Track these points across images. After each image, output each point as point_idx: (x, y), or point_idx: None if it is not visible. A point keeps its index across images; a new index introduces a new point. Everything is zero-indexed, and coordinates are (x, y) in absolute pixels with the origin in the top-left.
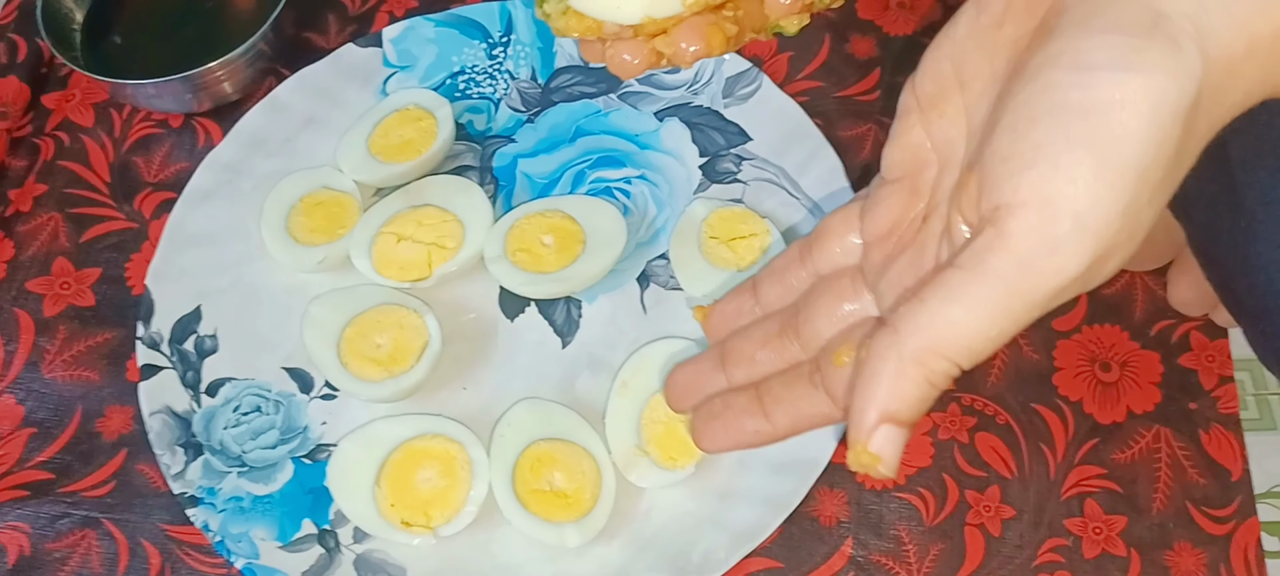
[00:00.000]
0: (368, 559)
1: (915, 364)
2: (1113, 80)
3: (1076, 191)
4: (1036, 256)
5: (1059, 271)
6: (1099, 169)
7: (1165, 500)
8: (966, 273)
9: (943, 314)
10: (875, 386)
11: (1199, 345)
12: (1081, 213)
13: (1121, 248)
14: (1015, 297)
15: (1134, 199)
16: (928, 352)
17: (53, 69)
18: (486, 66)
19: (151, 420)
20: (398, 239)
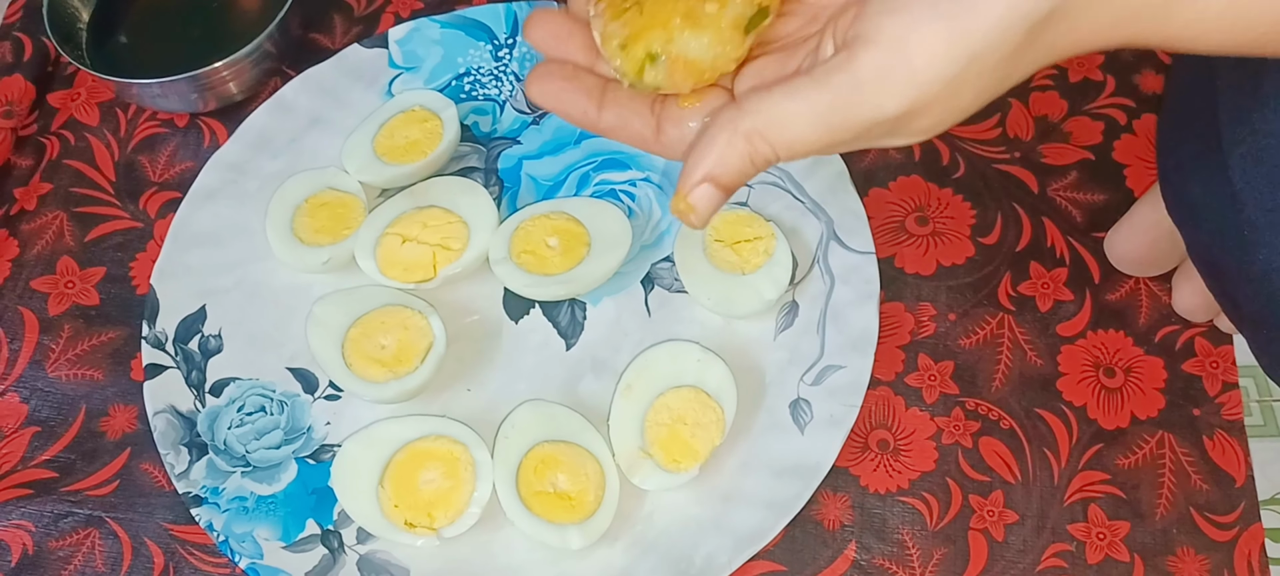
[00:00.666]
0: (371, 559)
1: (744, 139)
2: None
3: (920, 47)
4: (868, 84)
5: (879, 105)
6: (944, 38)
7: (1169, 506)
8: (810, 80)
9: (780, 106)
10: (709, 149)
11: (1203, 351)
12: (916, 66)
13: (932, 112)
14: (838, 112)
15: (960, 73)
16: (757, 134)
17: (58, 68)
18: (492, 68)
19: (156, 419)
20: (402, 240)
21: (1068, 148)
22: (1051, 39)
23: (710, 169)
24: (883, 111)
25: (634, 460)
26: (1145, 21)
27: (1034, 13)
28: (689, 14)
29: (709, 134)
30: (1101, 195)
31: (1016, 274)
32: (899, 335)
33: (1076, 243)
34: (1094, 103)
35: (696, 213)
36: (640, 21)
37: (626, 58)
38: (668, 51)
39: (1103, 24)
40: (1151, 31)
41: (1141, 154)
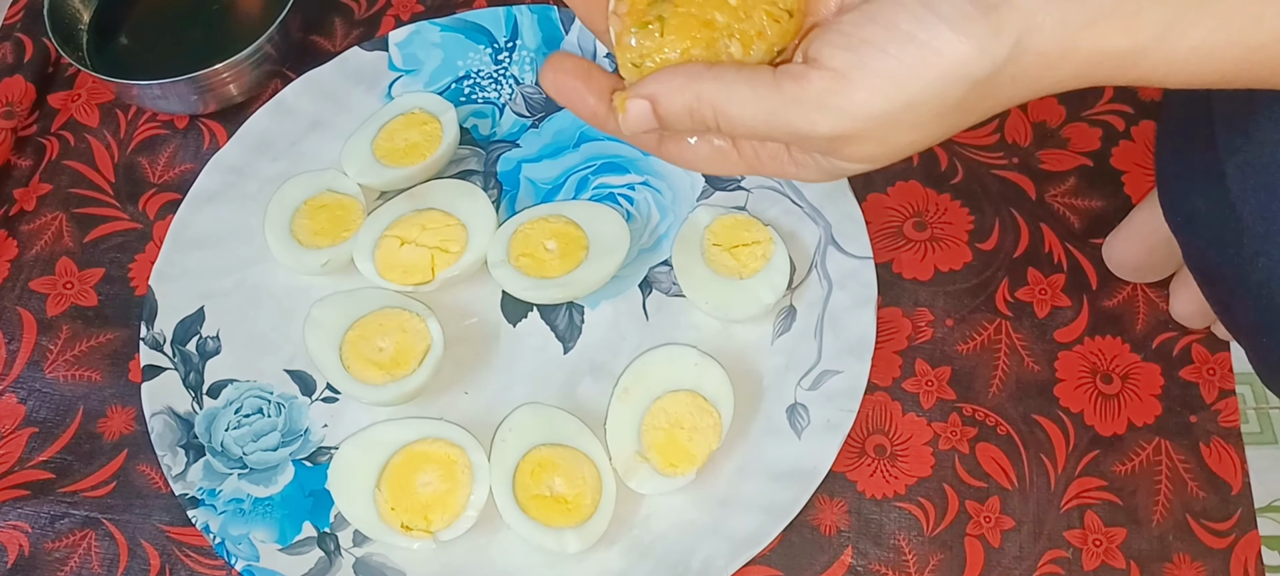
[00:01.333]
0: (367, 562)
1: (695, 95)
2: (937, 30)
3: (861, 82)
4: (809, 101)
5: (813, 123)
6: (886, 79)
7: (1165, 513)
8: (768, 78)
9: (735, 87)
10: (663, 79)
11: (1200, 358)
12: (855, 99)
13: (865, 143)
14: (776, 112)
15: (895, 114)
16: (705, 98)
17: (59, 69)
18: (492, 71)
19: (153, 421)
20: (401, 242)
21: (1066, 154)
22: (1004, 92)
23: (656, 91)
24: (815, 128)
25: (631, 464)
26: (1109, 68)
27: (977, 71)
28: (708, 47)
29: (673, 68)
30: (1099, 201)
31: (1014, 280)
32: (896, 340)
33: (1074, 249)
34: (1092, 109)
35: (625, 118)
36: (659, 41)
37: (639, 77)
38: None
39: (1063, 76)
40: (1117, 75)
41: (1140, 160)
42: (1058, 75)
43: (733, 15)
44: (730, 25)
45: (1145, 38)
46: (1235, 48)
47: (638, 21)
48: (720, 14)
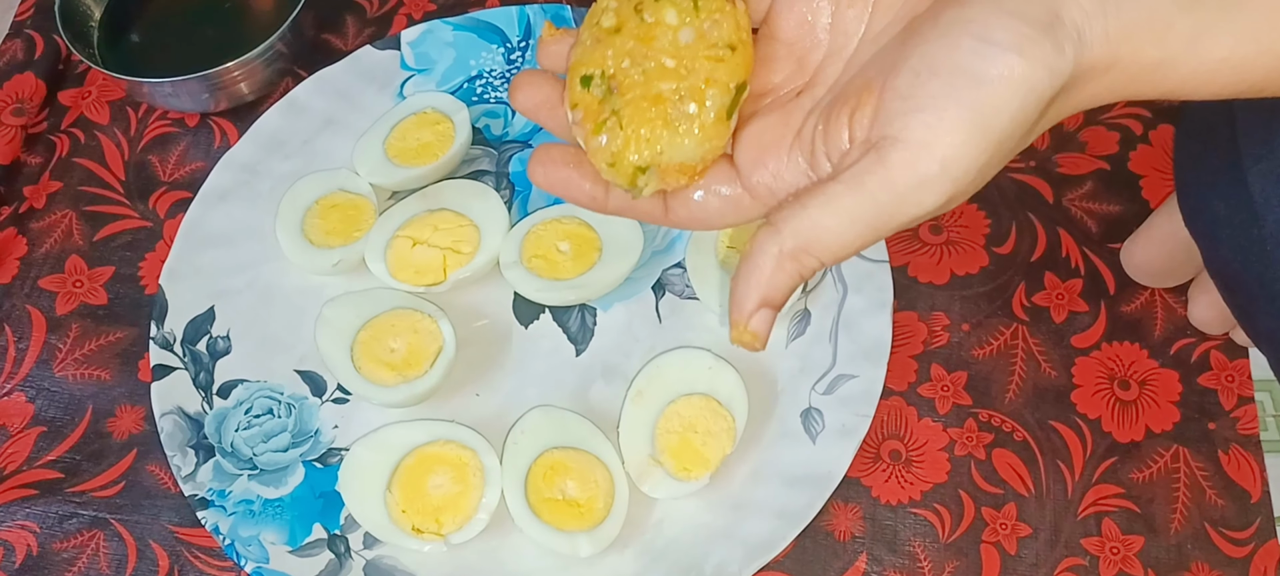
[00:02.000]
0: (378, 565)
1: (791, 259)
2: (1005, 60)
3: (951, 143)
4: (906, 187)
5: (919, 204)
6: (972, 129)
7: (1183, 521)
8: (845, 188)
9: (819, 221)
10: (757, 276)
11: (1219, 364)
12: (949, 160)
13: (965, 194)
14: (879, 217)
15: (990, 159)
16: (801, 251)
17: (70, 66)
18: (504, 71)
19: (163, 421)
20: (413, 243)
21: (1084, 157)
22: (1058, 109)
23: (764, 295)
24: (923, 209)
25: (644, 467)
26: (1144, 81)
27: (1047, 92)
28: (668, 120)
29: (753, 260)
30: (1117, 206)
31: (1031, 284)
32: (912, 345)
33: (1092, 253)
34: (1110, 113)
35: (759, 338)
36: (622, 135)
37: (618, 173)
38: (656, 161)
39: (1103, 89)
40: (1150, 87)
41: (1157, 165)
42: (1098, 88)
43: (677, 78)
44: (678, 88)
45: (1176, 49)
46: (1265, 56)
47: (594, 124)
48: (664, 82)
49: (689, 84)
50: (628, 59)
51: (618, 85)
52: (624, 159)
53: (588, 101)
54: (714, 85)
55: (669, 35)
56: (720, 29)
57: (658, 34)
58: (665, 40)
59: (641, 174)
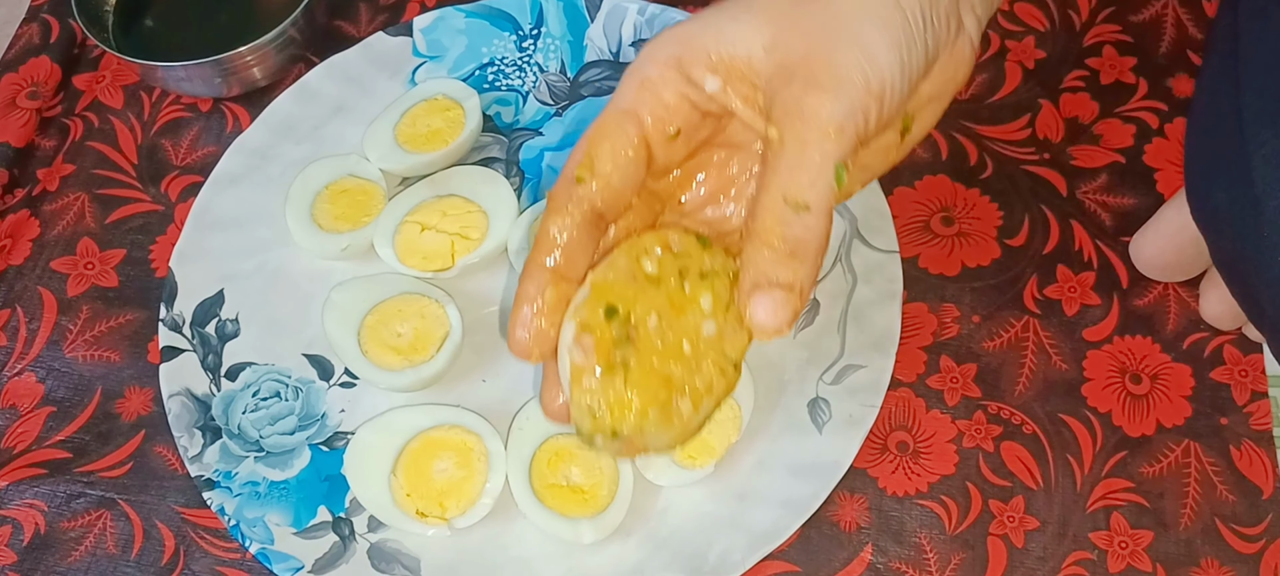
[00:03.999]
0: (382, 548)
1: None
2: None
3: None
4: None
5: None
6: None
7: (1193, 516)
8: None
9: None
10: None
11: (1232, 359)
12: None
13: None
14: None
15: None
16: None
17: (84, 50)
18: (516, 58)
19: (171, 402)
20: (422, 228)
21: (1098, 150)
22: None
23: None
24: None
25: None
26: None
27: None
28: (665, 409)
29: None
30: (1132, 199)
31: (1043, 277)
32: (921, 336)
33: (1105, 247)
34: (1126, 105)
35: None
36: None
37: (591, 421)
38: (630, 435)
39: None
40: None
41: (1173, 158)
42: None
43: (686, 366)
44: (684, 379)
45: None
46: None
47: (604, 360)
48: (676, 365)
49: (693, 382)
50: (656, 316)
51: (637, 338)
52: (609, 415)
53: (604, 335)
54: (710, 397)
55: (697, 318)
56: (735, 341)
57: (688, 310)
58: (692, 321)
59: (611, 438)
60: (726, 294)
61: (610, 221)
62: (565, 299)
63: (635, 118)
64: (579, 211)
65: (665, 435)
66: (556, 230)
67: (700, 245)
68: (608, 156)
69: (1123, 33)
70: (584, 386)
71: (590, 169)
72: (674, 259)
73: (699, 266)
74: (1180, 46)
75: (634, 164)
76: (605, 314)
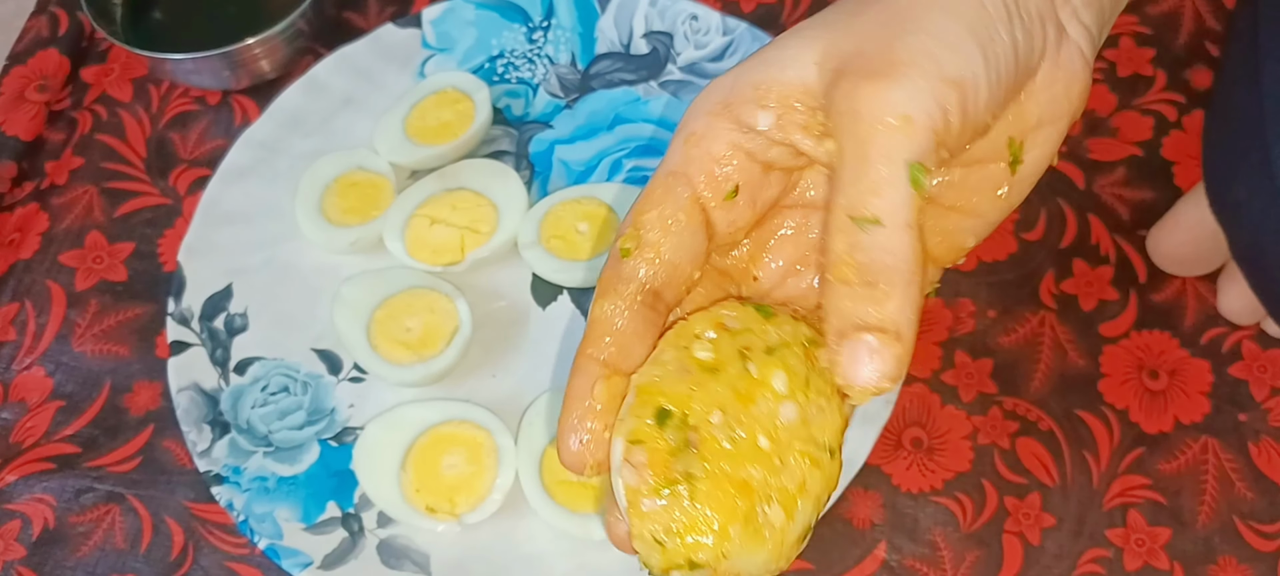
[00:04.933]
0: (391, 544)
1: None
2: None
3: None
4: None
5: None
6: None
7: (1211, 513)
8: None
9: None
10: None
11: (1251, 355)
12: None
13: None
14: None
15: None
16: None
17: (93, 43)
18: (526, 50)
19: (179, 397)
20: (431, 222)
21: (1116, 143)
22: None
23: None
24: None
25: None
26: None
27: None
28: (749, 522)
29: None
30: (1150, 192)
31: (1059, 271)
32: (936, 331)
33: (1122, 241)
34: (1144, 98)
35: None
36: (690, 514)
37: (660, 553)
38: (712, 563)
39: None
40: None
41: (1191, 151)
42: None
43: (768, 466)
44: (767, 482)
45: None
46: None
47: (662, 477)
48: (755, 467)
49: (781, 484)
50: (719, 412)
51: (699, 442)
52: (680, 543)
53: (657, 445)
54: (806, 497)
55: (771, 403)
56: (825, 421)
57: (759, 397)
58: (766, 408)
59: (690, 571)
60: (803, 367)
61: (671, 304)
62: (620, 396)
63: (685, 178)
64: (628, 290)
65: (757, 554)
66: (606, 315)
67: (762, 316)
68: (655, 225)
69: (1141, 24)
70: (644, 512)
71: (636, 241)
72: (732, 338)
73: (764, 342)
74: (1199, 38)
75: (688, 231)
76: (656, 419)
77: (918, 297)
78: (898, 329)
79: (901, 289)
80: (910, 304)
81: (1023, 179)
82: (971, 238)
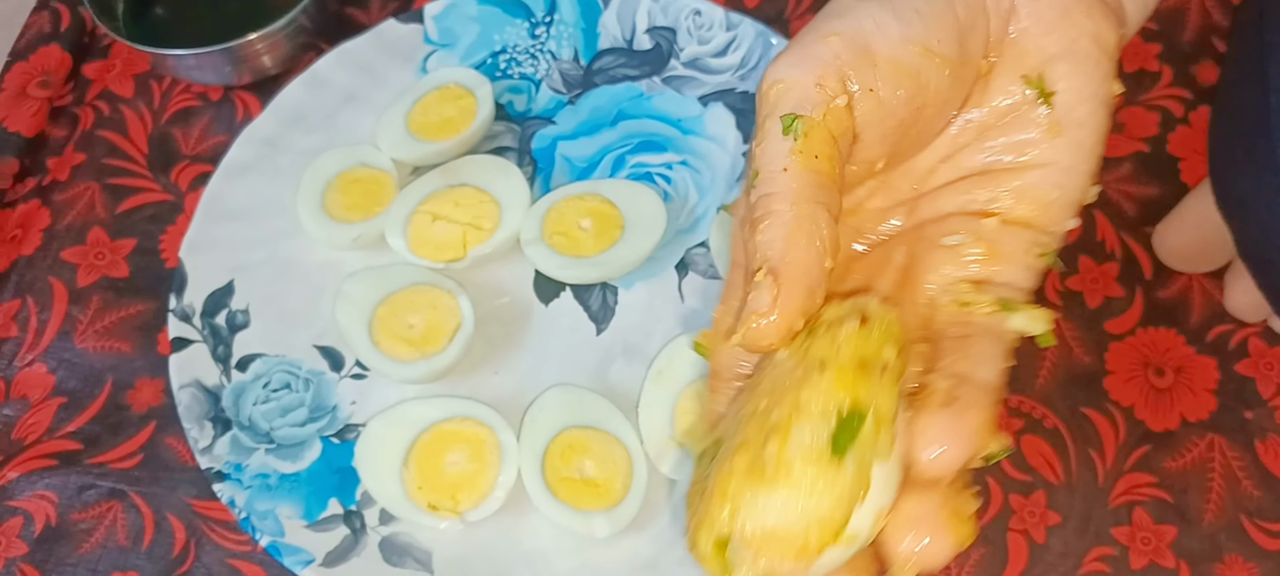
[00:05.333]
0: (393, 541)
1: None
2: None
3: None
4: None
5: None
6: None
7: (1217, 511)
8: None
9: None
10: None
11: (1257, 352)
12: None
13: None
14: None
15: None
16: None
17: (95, 39)
18: (528, 46)
19: (181, 393)
20: (433, 218)
21: (1121, 139)
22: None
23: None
24: None
25: (663, 448)
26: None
27: None
28: (751, 467)
29: None
30: (1156, 189)
31: (1065, 268)
32: None
33: (1128, 237)
34: (1150, 93)
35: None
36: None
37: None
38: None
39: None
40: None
41: (1198, 147)
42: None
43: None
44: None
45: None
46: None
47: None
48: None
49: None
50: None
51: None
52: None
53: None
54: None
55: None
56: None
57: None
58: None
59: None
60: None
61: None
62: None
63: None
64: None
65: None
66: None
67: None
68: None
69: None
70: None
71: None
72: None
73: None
74: (1205, 33)
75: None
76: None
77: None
78: (765, 258)
79: (770, 219)
80: (779, 232)
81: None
82: (1052, 189)
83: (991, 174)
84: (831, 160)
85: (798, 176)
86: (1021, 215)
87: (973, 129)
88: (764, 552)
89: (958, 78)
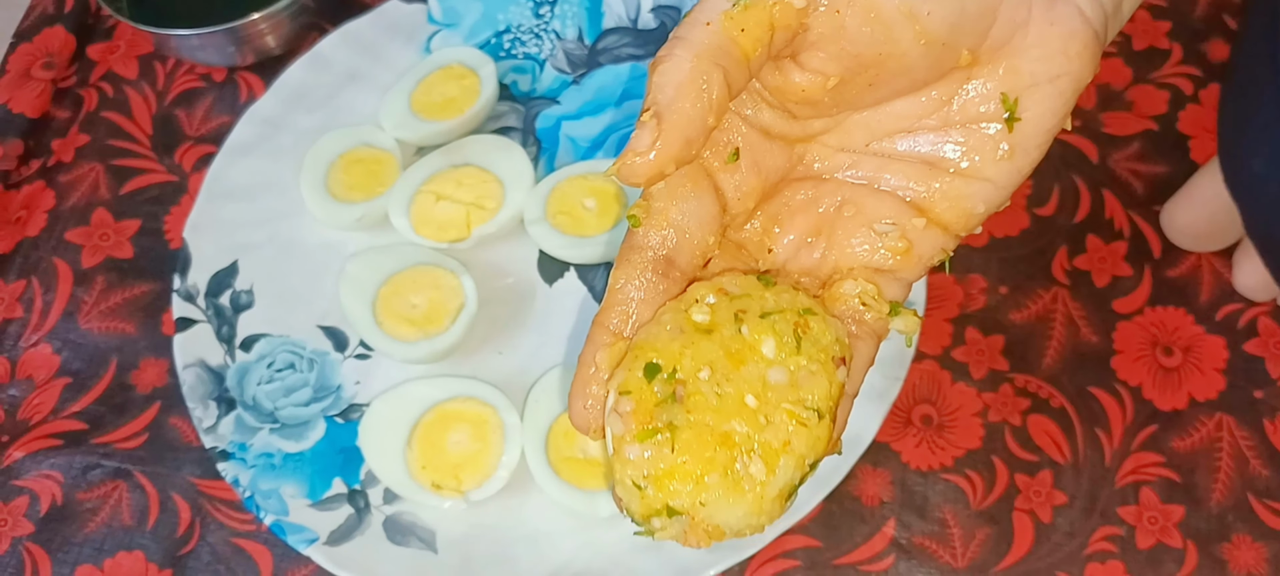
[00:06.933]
0: (397, 520)
1: None
2: None
3: None
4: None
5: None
6: None
7: (1225, 491)
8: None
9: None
10: None
11: (1267, 331)
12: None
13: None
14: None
15: None
16: None
17: (99, 20)
18: (532, 25)
19: (185, 373)
20: (437, 198)
21: (1131, 117)
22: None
23: None
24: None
25: None
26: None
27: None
28: (727, 474)
29: None
30: (1165, 167)
31: (1073, 247)
32: (947, 307)
33: (1137, 216)
34: (1159, 71)
35: None
36: (669, 461)
37: (640, 500)
38: (693, 512)
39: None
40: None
41: (1207, 125)
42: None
43: (752, 422)
44: (751, 437)
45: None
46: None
47: (643, 427)
48: (739, 422)
49: (764, 439)
50: (708, 369)
51: (686, 395)
52: (659, 490)
53: (643, 396)
54: (790, 455)
55: (761, 366)
56: (814, 386)
57: (749, 359)
58: (755, 370)
59: (667, 517)
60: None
61: (687, 272)
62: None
63: None
64: (640, 260)
65: (736, 506)
66: (619, 285)
67: (762, 284)
68: (662, 193)
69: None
70: (627, 459)
71: (646, 210)
72: (729, 302)
73: (760, 307)
74: (1216, 10)
75: (695, 197)
76: (645, 373)
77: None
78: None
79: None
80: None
81: (1027, 141)
82: (981, 204)
83: (937, 167)
84: (755, 42)
85: (713, 36)
86: (946, 219)
87: (939, 116)
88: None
89: (933, 55)
